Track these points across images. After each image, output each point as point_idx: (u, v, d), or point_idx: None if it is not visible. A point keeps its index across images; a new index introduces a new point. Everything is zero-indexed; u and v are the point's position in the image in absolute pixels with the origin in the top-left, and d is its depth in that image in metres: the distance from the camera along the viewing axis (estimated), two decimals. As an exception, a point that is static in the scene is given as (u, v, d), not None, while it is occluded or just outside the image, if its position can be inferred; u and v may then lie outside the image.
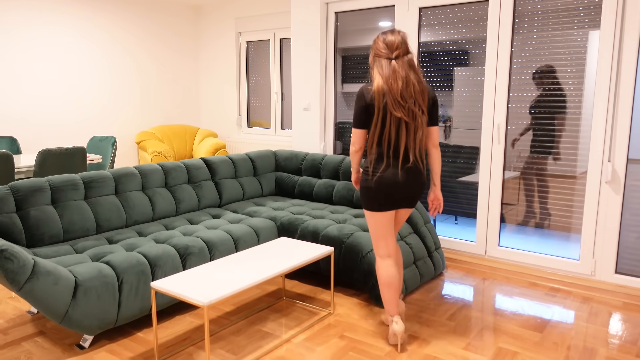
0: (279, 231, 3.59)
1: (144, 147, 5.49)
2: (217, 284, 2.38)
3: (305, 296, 3.31)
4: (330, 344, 2.65)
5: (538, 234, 3.76)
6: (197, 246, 3.01)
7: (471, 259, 3.93)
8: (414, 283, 3.33)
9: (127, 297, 2.61)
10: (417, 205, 3.74)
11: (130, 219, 3.36)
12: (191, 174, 3.86)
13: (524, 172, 3.70)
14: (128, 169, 3.49)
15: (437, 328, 2.84)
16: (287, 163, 4.45)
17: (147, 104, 5.87)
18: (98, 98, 5.44)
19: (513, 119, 3.68)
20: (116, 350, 2.58)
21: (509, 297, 3.29)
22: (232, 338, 2.72)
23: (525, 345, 2.65)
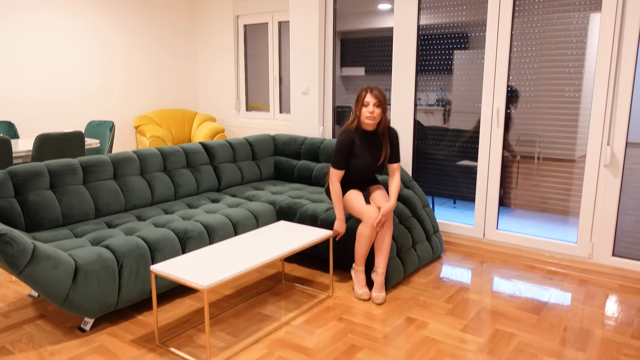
0: (277, 215, 3.60)
1: (142, 132, 5.47)
2: (216, 268, 2.39)
3: (304, 279, 3.33)
4: (329, 327, 2.68)
5: (536, 218, 3.77)
6: (197, 230, 3.02)
7: (469, 242, 3.95)
8: (413, 266, 3.35)
9: (127, 280, 2.63)
10: (416, 190, 3.75)
11: (129, 204, 3.37)
12: (190, 158, 3.86)
13: (523, 155, 3.71)
14: (126, 153, 3.49)
15: (435, 310, 2.87)
16: (285, 147, 4.45)
17: (145, 88, 5.84)
18: (95, 82, 5.41)
19: (512, 102, 3.66)
20: (117, 332, 2.61)
21: (506, 280, 3.32)
22: (232, 320, 2.75)
23: (522, 327, 2.68)
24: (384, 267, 3.01)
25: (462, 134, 3.98)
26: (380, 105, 2.87)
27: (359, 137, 2.99)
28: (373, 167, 3.05)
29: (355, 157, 3.01)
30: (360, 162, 3.02)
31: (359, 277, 3.04)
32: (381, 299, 2.93)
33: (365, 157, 3.01)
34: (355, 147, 2.99)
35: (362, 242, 2.98)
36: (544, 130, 3.59)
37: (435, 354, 2.41)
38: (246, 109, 5.97)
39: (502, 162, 3.76)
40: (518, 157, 3.72)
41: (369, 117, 2.89)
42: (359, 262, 3.02)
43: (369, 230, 2.94)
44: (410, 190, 3.71)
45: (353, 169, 3.05)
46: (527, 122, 3.65)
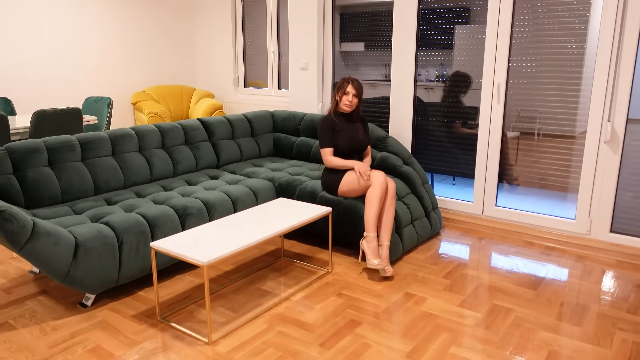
0: (277, 192, 3.60)
1: (140, 108, 5.44)
2: (216, 244, 2.41)
3: (304, 255, 3.36)
4: (329, 302, 2.71)
5: (536, 194, 3.78)
6: (196, 207, 3.03)
7: (468, 218, 3.97)
8: (411, 242, 3.37)
9: (128, 257, 2.65)
10: (415, 166, 3.74)
11: (128, 180, 3.37)
12: (188, 135, 3.84)
13: (523, 132, 3.69)
14: (124, 130, 3.47)
15: (433, 286, 2.90)
16: (284, 124, 4.43)
17: (143, 64, 5.78)
18: (92, 58, 5.35)
19: (514, 78, 3.64)
20: (118, 308, 2.64)
21: (504, 256, 3.34)
22: (232, 296, 2.77)
23: (519, 302, 2.71)
24: (388, 240, 3.03)
25: (462, 110, 3.96)
26: (358, 95, 3.26)
27: (338, 117, 3.31)
28: (356, 141, 3.29)
29: (339, 132, 3.27)
30: (345, 135, 3.26)
31: (372, 246, 2.99)
32: (391, 271, 2.95)
33: (348, 130, 3.28)
34: (337, 124, 3.29)
35: (374, 203, 3.00)
36: (544, 106, 3.57)
37: (433, 328, 2.44)
38: (245, 85, 5.92)
39: (502, 139, 3.75)
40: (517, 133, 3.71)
41: (347, 105, 3.26)
42: (371, 228, 3.00)
43: (379, 189, 3.00)
44: (409, 167, 3.71)
45: (340, 145, 3.26)
46: (527, 98, 3.63)
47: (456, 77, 3.96)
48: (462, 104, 3.96)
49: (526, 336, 2.38)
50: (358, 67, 4.62)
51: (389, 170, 3.68)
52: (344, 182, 3.20)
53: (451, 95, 4.00)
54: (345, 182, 3.20)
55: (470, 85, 3.87)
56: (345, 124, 3.32)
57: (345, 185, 3.20)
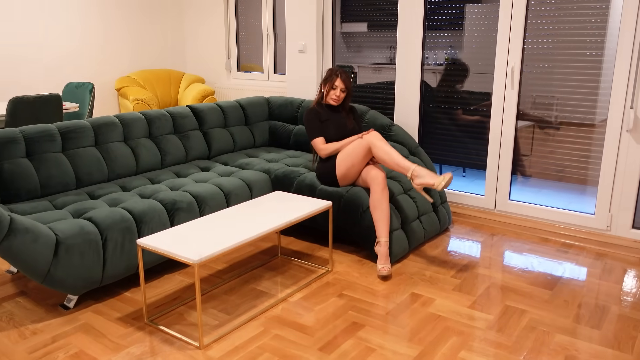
0: (273, 184, 3.60)
1: (125, 94, 5.43)
2: (207, 241, 2.41)
3: (302, 253, 3.36)
4: (329, 303, 2.71)
5: (552, 187, 3.78)
6: (186, 201, 3.03)
7: (479, 213, 3.97)
8: (418, 239, 3.37)
9: (112, 255, 2.65)
10: (422, 157, 3.74)
11: (113, 173, 3.36)
12: (177, 123, 3.83)
13: (538, 120, 3.69)
14: (108, 118, 3.46)
15: (442, 286, 2.90)
16: (281, 111, 4.42)
17: (127, 46, 5.76)
18: (73, 40, 5.32)
19: (529, 61, 3.62)
20: (103, 310, 2.64)
21: (518, 254, 3.35)
22: (225, 297, 2.78)
23: (534, 303, 2.71)
24: (386, 236, 3.03)
25: (473, 96, 3.95)
26: (345, 90, 3.35)
27: (323, 109, 3.41)
28: (346, 129, 3.37)
29: (326, 121, 3.37)
30: (332, 124, 3.35)
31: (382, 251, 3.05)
32: (386, 270, 2.96)
33: (335, 119, 3.37)
34: (323, 114, 3.38)
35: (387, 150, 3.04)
36: (562, 92, 3.55)
37: (442, 331, 2.45)
38: (238, 70, 5.90)
39: (516, 127, 3.74)
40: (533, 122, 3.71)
41: (334, 100, 3.35)
42: (405, 170, 3.00)
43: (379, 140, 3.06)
44: (416, 157, 3.71)
45: (329, 135, 3.34)
46: (543, 83, 3.61)
47: (465, 61, 3.94)
48: (472, 89, 3.95)
49: (541, 340, 2.39)
50: (361, 49, 4.61)
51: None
52: (340, 162, 3.21)
53: (461, 80, 3.99)
54: (340, 163, 3.21)
55: (467, 74, 3.86)
56: (331, 113, 3.40)
57: (342, 164, 3.21)
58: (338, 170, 3.22)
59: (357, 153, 3.14)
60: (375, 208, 3.04)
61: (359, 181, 3.25)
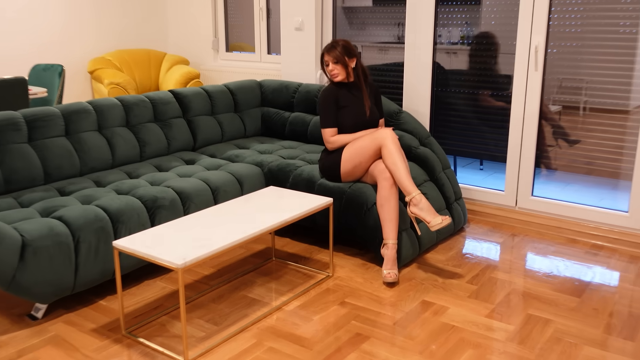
0: (266, 179, 3.60)
1: (99, 78, 5.42)
2: (193, 243, 2.41)
3: (299, 256, 3.36)
4: (329, 312, 2.72)
5: (580, 181, 3.78)
6: (168, 198, 3.03)
7: (498, 211, 3.97)
8: (429, 240, 3.38)
9: (86, 259, 2.65)
10: (434, 148, 3.74)
11: (85, 166, 3.36)
12: (158, 110, 3.83)
13: (565, 105, 3.68)
14: (80, 104, 3.46)
15: (456, 293, 2.91)
16: (275, 96, 4.41)
17: (102, 23, 5.74)
18: (40, 17, 5.31)
19: (555, 40, 3.62)
20: (75, 321, 2.64)
21: (542, 256, 3.35)
22: (213, 306, 2.78)
23: (559, 311, 2.72)
24: (394, 238, 3.03)
25: (491, 78, 3.95)
26: (338, 61, 3.27)
27: (342, 87, 3.35)
28: (364, 118, 3.32)
29: (344, 107, 3.31)
30: (352, 111, 3.30)
31: (423, 203, 3.01)
32: (393, 277, 2.96)
33: (354, 105, 3.32)
34: (341, 97, 3.32)
35: (399, 162, 3.04)
36: (591, 74, 3.55)
37: (456, 343, 2.46)
38: (226, 49, 5.89)
39: (540, 114, 3.74)
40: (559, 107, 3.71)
41: (333, 76, 3.32)
42: (412, 188, 3.02)
43: (394, 146, 3.06)
44: (427, 148, 3.71)
45: (344, 123, 3.30)
46: (571, 65, 3.61)
47: (483, 39, 3.94)
48: (491, 71, 3.94)
49: (568, 352, 2.40)
50: (365, 26, 4.60)
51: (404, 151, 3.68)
52: (346, 158, 3.20)
53: (478, 61, 3.98)
54: (346, 158, 3.20)
55: (499, 49, 3.85)
56: (350, 96, 3.33)
57: (346, 161, 3.20)
58: (343, 166, 3.22)
59: (366, 152, 3.14)
60: (382, 206, 3.04)
61: (365, 177, 3.25)
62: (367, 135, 3.17)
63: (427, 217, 2.93)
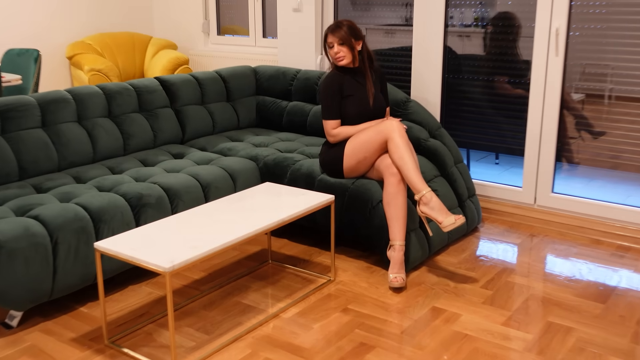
0: (262, 174, 3.60)
1: (79, 64, 5.42)
2: (181, 244, 2.41)
3: (298, 259, 3.37)
4: (331, 320, 2.72)
5: (605, 177, 3.78)
6: (154, 195, 3.03)
7: (516, 209, 3.98)
8: (440, 241, 3.38)
9: (65, 261, 2.66)
10: (445, 140, 3.74)
11: (64, 160, 3.36)
12: (143, 99, 3.83)
13: (588, 93, 3.68)
14: (58, 93, 3.46)
15: (469, 298, 2.92)
16: (271, 83, 4.41)
17: (81, 4, 5.73)
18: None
19: (577, 22, 3.61)
20: (53, 329, 2.65)
21: (563, 259, 3.36)
22: (204, 313, 2.79)
23: (582, 319, 2.73)
24: (402, 239, 3.04)
25: (508, 64, 3.95)
26: (344, 42, 3.24)
27: (345, 73, 3.34)
28: (369, 108, 3.32)
29: (349, 97, 3.30)
30: (356, 100, 3.30)
31: (434, 201, 3.01)
32: (400, 281, 2.97)
33: (359, 93, 3.31)
34: (346, 85, 3.31)
35: (407, 155, 3.04)
36: (618, 59, 3.55)
37: (469, 354, 2.46)
38: (218, 33, 5.89)
39: (561, 103, 3.73)
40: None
41: (337, 59, 3.29)
42: (423, 185, 3.01)
43: (401, 139, 3.04)
44: (437, 141, 3.71)
45: (348, 114, 3.30)
46: (595, 49, 3.61)
47: (498, 21, 3.93)
48: (508, 56, 3.94)
49: (591, 364, 2.40)
50: (369, 6, 4.59)
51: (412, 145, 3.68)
52: (350, 153, 3.20)
53: (493, 45, 3.98)
54: (349, 153, 3.20)
55: (519, 32, 3.85)
56: (355, 83, 3.33)
57: (349, 156, 3.20)
58: (346, 161, 3.22)
59: (371, 145, 3.13)
60: (389, 204, 3.04)
61: (370, 173, 3.25)
62: (372, 127, 3.16)
63: (438, 217, 2.93)
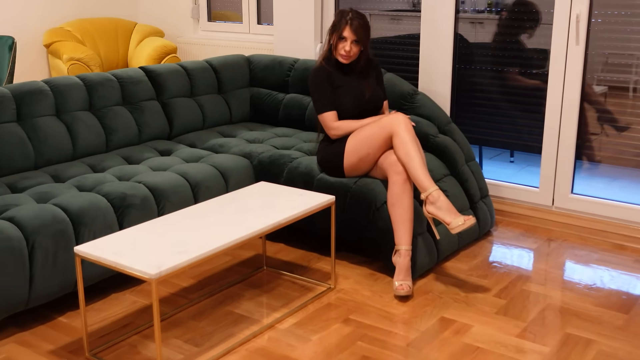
0: (256, 173, 3.60)
1: (57, 52, 5.42)
2: (169, 249, 2.41)
3: (295, 265, 3.37)
4: (331, 331, 2.72)
5: (628, 176, 3.78)
6: (139, 195, 3.03)
7: (532, 211, 3.98)
8: (450, 246, 3.38)
9: (42, 268, 2.65)
10: (456, 136, 3.73)
11: (41, 158, 3.36)
12: (127, 91, 3.82)
13: (612, 85, 3.68)
14: (34, 84, 3.46)
15: (482, 308, 2.92)
16: (267, 74, 4.40)
17: (59, -13, 5.73)
18: (-15, -22, 5.30)
19: (599, 8, 3.61)
20: (30, 341, 2.65)
21: (583, 265, 3.36)
22: (193, 324, 2.79)
23: (604, 330, 2.73)
24: (408, 244, 3.03)
25: (524, 54, 3.95)
26: (359, 42, 3.25)
27: (333, 67, 3.35)
28: (363, 98, 3.33)
29: (340, 88, 3.32)
30: (347, 91, 3.31)
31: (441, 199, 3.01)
32: (406, 289, 2.97)
33: (350, 84, 3.33)
34: (335, 77, 3.33)
35: (413, 153, 3.03)
36: (643, 48, 3.55)
37: (481, 368, 2.47)
38: (209, 19, 5.89)
39: (582, 96, 3.73)
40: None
41: (343, 55, 3.28)
42: (430, 183, 3.01)
43: (407, 134, 3.03)
44: (447, 136, 3.70)
45: (343, 106, 3.30)
46: (619, 37, 3.61)
47: (514, 7, 3.93)
48: (524, 45, 3.94)
49: (613, 379, 2.41)
50: (373, -9, 4.59)
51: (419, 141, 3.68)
52: (351, 149, 3.19)
53: (508, 33, 3.98)
54: (350, 149, 3.20)
55: (539, 19, 3.85)
56: (345, 74, 3.34)
57: (350, 153, 3.20)
58: (347, 159, 3.21)
59: (375, 141, 3.12)
60: (394, 205, 3.04)
61: (374, 172, 3.24)
62: (375, 122, 3.17)
63: (446, 218, 2.93)
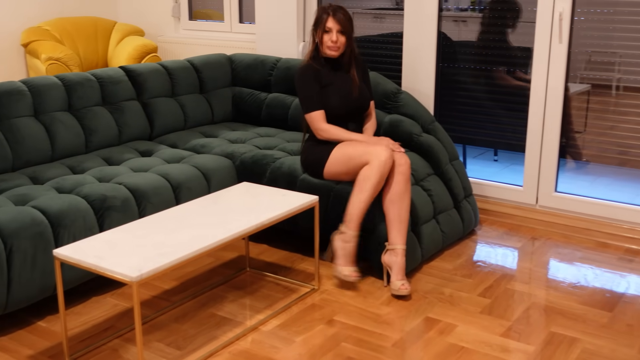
0: (238, 174, 3.60)
1: (35, 52, 5.39)
2: (150, 251, 2.41)
3: (279, 266, 3.37)
4: (315, 332, 2.73)
5: (612, 174, 3.81)
6: (120, 197, 3.02)
7: (516, 210, 4.00)
8: (434, 245, 3.40)
9: (20, 271, 2.64)
10: (439, 135, 3.75)
11: (19, 159, 3.34)
12: (107, 91, 3.81)
13: (595, 84, 3.71)
14: (12, 84, 3.44)
15: (466, 308, 2.93)
16: (249, 73, 4.40)
17: (36, -15, 5.70)
18: (-40, -24, 5.26)
19: (582, 6, 3.63)
20: (8, 346, 2.63)
21: (567, 264, 3.38)
22: (175, 326, 2.78)
23: (588, 329, 2.75)
24: (403, 243, 3.03)
25: (508, 52, 3.97)
26: (344, 32, 3.25)
27: (322, 65, 3.34)
28: (351, 98, 3.33)
29: (328, 85, 3.32)
30: (335, 90, 3.30)
31: (346, 247, 3.06)
32: (407, 288, 2.97)
33: (338, 82, 3.33)
34: (324, 75, 3.32)
35: (366, 191, 3.01)
36: (626, 47, 3.58)
37: (466, 368, 2.48)
38: (190, 17, 5.87)
39: (565, 94, 3.76)
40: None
41: (331, 47, 3.27)
42: (354, 225, 3.04)
43: (378, 172, 3.00)
44: (430, 135, 3.72)
45: (330, 105, 3.30)
46: (602, 36, 3.63)
47: (497, 5, 3.96)
48: (508, 43, 3.96)
49: (598, 377, 2.43)
50: (356, -11, 4.60)
51: (402, 140, 3.68)
52: (332, 160, 3.21)
53: (491, 31, 4.00)
54: (333, 160, 3.21)
55: (520, 16, 3.87)
56: (332, 73, 3.34)
57: (332, 164, 3.21)
58: (328, 166, 3.23)
59: (358, 162, 3.09)
60: (393, 202, 3.05)
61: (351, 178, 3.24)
62: (363, 144, 3.16)
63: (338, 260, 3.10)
